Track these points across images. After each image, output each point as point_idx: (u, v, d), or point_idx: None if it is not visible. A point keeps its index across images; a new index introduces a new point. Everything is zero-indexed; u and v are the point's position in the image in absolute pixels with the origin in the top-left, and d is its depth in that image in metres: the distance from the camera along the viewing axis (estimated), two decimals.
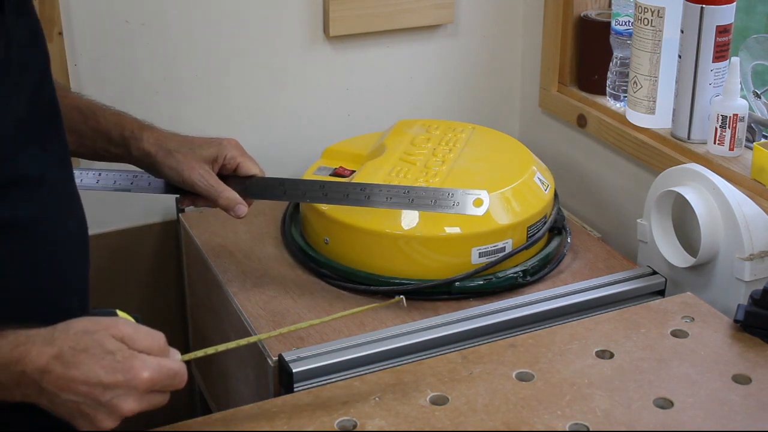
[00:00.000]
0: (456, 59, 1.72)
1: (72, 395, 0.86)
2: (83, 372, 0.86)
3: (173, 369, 0.90)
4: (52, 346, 0.86)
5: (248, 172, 1.26)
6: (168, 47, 1.52)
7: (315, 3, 1.59)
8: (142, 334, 0.90)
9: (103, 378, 0.86)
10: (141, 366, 0.87)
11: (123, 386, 0.86)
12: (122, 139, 1.22)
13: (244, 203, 1.24)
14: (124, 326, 0.89)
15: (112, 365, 0.86)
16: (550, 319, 1.27)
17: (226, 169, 1.26)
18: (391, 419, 1.00)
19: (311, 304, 1.29)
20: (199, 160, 1.23)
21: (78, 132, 1.21)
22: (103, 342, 0.87)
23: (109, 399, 0.86)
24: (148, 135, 1.23)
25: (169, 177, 1.24)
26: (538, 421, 1.00)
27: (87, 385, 0.86)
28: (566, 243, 1.40)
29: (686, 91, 1.36)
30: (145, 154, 1.22)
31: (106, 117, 1.23)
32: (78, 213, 1.06)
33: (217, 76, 1.57)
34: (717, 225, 1.25)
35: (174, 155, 1.22)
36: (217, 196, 1.23)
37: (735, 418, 1.01)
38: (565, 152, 1.66)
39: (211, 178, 1.24)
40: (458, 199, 1.23)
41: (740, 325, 1.15)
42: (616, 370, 1.09)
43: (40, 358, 0.86)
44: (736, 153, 1.33)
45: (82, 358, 0.86)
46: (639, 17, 1.40)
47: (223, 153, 1.25)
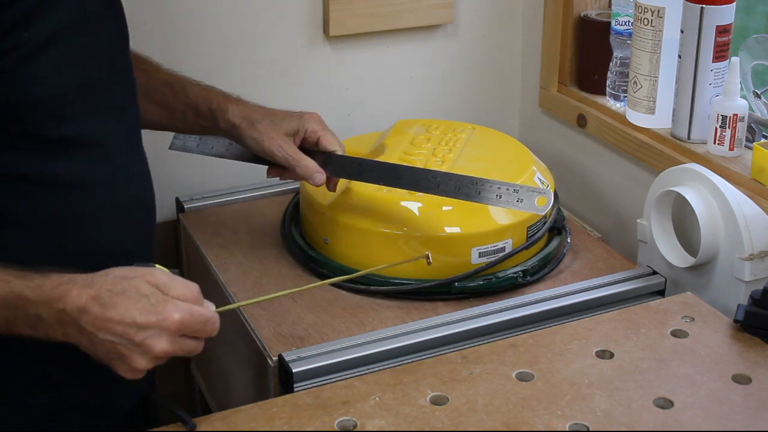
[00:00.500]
0: (456, 59, 1.72)
1: (108, 335, 0.92)
2: (119, 312, 0.92)
3: (204, 315, 0.96)
4: (92, 288, 0.93)
5: (328, 145, 1.30)
6: (169, 47, 1.52)
7: (315, 3, 1.59)
8: (177, 283, 0.96)
9: (138, 318, 0.92)
10: (173, 309, 0.93)
11: (155, 327, 0.92)
12: (209, 112, 1.29)
13: (321, 171, 1.29)
14: (160, 275, 0.96)
15: (146, 307, 0.92)
16: (550, 319, 1.27)
17: (308, 142, 1.31)
18: (391, 419, 1.00)
19: (311, 304, 1.29)
20: (279, 131, 1.29)
21: (169, 106, 1.30)
22: (139, 287, 0.94)
23: (142, 339, 0.92)
24: (233, 107, 1.29)
25: (251, 147, 1.30)
26: (538, 421, 1.00)
27: (122, 325, 0.92)
28: (566, 243, 1.40)
29: (686, 91, 1.36)
30: (231, 126, 1.29)
31: (195, 91, 1.30)
32: (141, 180, 1.14)
33: (217, 76, 1.56)
34: (717, 225, 1.25)
35: (256, 126, 1.28)
36: (295, 165, 1.28)
37: (735, 418, 1.01)
38: (565, 152, 1.66)
39: (290, 149, 1.28)
40: (522, 195, 1.23)
41: (740, 325, 1.15)
42: (616, 370, 1.09)
43: (80, 297, 0.92)
44: (736, 153, 1.33)
45: (118, 300, 0.92)
46: (639, 17, 1.40)
47: (304, 126, 1.30)
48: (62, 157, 1.01)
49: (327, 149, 1.31)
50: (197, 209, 1.54)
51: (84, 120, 1.02)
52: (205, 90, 1.31)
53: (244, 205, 1.56)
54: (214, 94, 1.31)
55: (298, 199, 1.47)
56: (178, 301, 0.94)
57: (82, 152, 1.03)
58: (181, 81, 1.32)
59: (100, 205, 1.06)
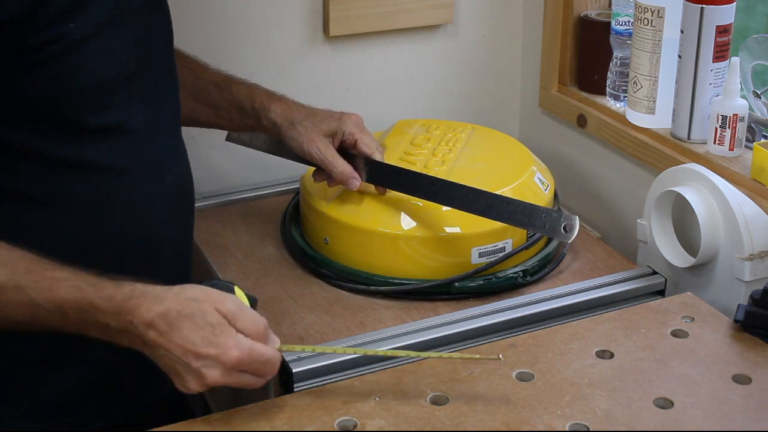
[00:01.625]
0: (456, 59, 1.72)
1: (169, 353, 0.94)
2: (182, 336, 0.93)
3: (264, 355, 0.96)
4: (161, 305, 0.94)
5: (365, 148, 1.31)
6: None
7: (315, 3, 1.59)
8: (246, 315, 0.96)
9: (198, 347, 0.93)
10: (234, 345, 0.94)
11: (213, 359, 0.93)
12: (253, 110, 1.31)
13: (357, 177, 1.30)
14: (231, 304, 0.96)
15: (209, 337, 0.93)
16: (550, 319, 1.27)
17: (347, 144, 1.31)
18: (391, 419, 1.00)
19: (311, 304, 1.29)
20: (319, 133, 1.30)
21: (215, 105, 1.32)
22: (207, 313, 0.94)
23: (198, 366, 0.94)
24: (276, 106, 1.31)
25: (292, 147, 1.31)
26: (538, 421, 1.00)
27: (182, 349, 0.94)
28: (566, 243, 1.40)
29: (686, 91, 1.36)
30: (273, 125, 1.31)
31: (239, 89, 1.32)
32: (178, 170, 1.16)
33: None
34: (717, 225, 1.25)
35: (297, 127, 1.30)
36: (331, 168, 1.30)
37: (735, 418, 1.01)
38: (565, 152, 1.66)
39: (328, 151, 1.29)
40: (549, 221, 1.23)
41: (740, 325, 1.15)
42: (616, 370, 1.09)
43: (148, 313, 0.94)
44: (736, 153, 1.33)
45: (184, 323, 0.94)
46: (639, 17, 1.40)
47: (342, 128, 1.31)
48: (100, 144, 1.04)
49: (364, 152, 1.31)
50: (197, 209, 1.53)
51: (123, 109, 1.05)
52: (249, 88, 1.33)
53: (244, 205, 1.56)
54: (258, 92, 1.33)
55: (298, 199, 1.47)
56: (241, 337, 0.95)
57: (119, 140, 1.05)
58: (227, 80, 1.34)
59: (136, 192, 1.08)
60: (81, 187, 1.04)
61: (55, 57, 0.97)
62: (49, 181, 1.03)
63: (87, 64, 0.99)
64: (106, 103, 1.03)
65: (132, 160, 1.07)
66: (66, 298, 0.94)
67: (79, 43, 0.98)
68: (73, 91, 1.00)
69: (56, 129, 1.01)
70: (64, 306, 0.94)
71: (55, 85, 0.98)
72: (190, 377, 0.94)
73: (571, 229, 1.23)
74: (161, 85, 1.12)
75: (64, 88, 0.99)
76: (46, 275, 0.95)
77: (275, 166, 1.63)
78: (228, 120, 1.34)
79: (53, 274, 0.95)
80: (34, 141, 1.01)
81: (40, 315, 0.95)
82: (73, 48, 0.98)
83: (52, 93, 0.99)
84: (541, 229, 1.25)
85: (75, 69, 0.99)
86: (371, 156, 1.31)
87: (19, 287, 0.94)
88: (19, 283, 0.94)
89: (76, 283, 0.95)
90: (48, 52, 0.96)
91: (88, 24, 0.98)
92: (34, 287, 0.94)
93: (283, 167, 1.62)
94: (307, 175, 1.43)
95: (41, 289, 0.94)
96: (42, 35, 0.95)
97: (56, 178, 1.03)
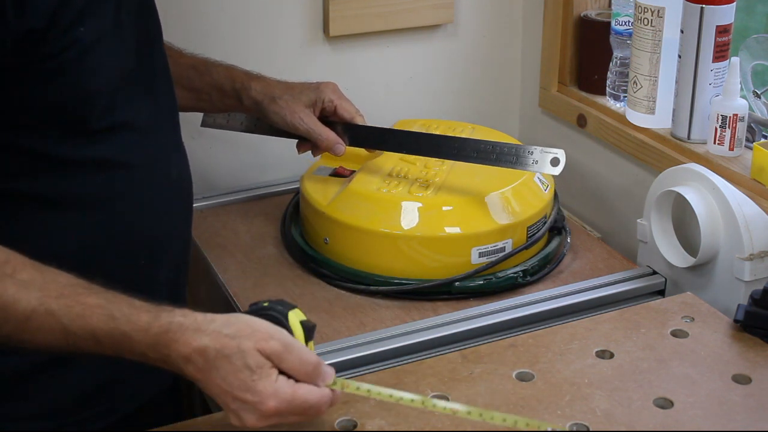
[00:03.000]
0: (456, 59, 1.72)
1: (207, 387, 0.90)
2: (220, 376, 0.89)
3: (308, 401, 0.90)
4: (200, 341, 0.89)
5: (345, 114, 1.36)
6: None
7: (315, 3, 1.59)
8: (293, 355, 0.90)
9: (234, 390, 0.89)
10: (271, 393, 0.88)
11: (250, 404, 0.88)
12: (234, 91, 1.35)
13: (341, 143, 1.35)
14: (276, 343, 0.89)
15: (247, 383, 0.88)
16: (550, 319, 1.27)
17: (327, 112, 1.36)
18: (391, 419, 1.00)
19: (311, 304, 1.29)
20: (299, 104, 1.34)
21: (195, 88, 1.34)
22: (247, 355, 0.88)
23: (236, 408, 0.89)
24: (255, 84, 1.34)
25: (276, 122, 1.35)
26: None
27: (220, 389, 0.89)
28: (566, 243, 1.40)
29: (686, 91, 1.36)
30: (254, 103, 1.34)
31: (219, 71, 1.35)
32: (181, 163, 1.18)
33: None
34: (717, 225, 1.25)
35: (278, 102, 1.33)
36: (316, 137, 1.34)
37: (735, 418, 1.01)
38: (565, 152, 1.66)
39: (311, 121, 1.34)
40: (537, 157, 1.28)
41: (740, 325, 1.15)
42: (616, 370, 1.09)
43: (186, 347, 0.89)
44: (736, 153, 1.33)
45: (222, 363, 0.88)
46: (639, 17, 1.40)
47: (321, 97, 1.35)
48: (108, 142, 1.05)
49: (344, 117, 1.36)
50: (197, 209, 1.53)
51: (128, 107, 1.06)
52: (228, 69, 1.36)
53: (244, 205, 1.56)
54: (237, 73, 1.36)
55: (298, 199, 1.47)
56: (282, 382, 0.89)
57: (125, 136, 1.06)
58: (205, 63, 1.36)
59: (145, 187, 1.09)
60: (93, 185, 1.05)
61: (69, 62, 0.97)
62: (64, 181, 1.03)
63: (96, 67, 1.00)
64: (114, 103, 1.04)
65: (139, 156, 1.08)
66: (99, 327, 0.90)
67: (88, 47, 0.98)
68: (84, 96, 1.00)
69: (67, 131, 1.01)
70: (97, 335, 0.90)
71: (68, 90, 0.99)
72: (231, 414, 0.90)
73: (558, 162, 1.27)
74: (159, 82, 1.14)
75: (77, 92, 1.00)
76: (78, 300, 0.90)
77: (275, 166, 1.64)
78: (209, 102, 1.37)
79: (86, 300, 0.91)
80: (46, 144, 1.01)
81: (74, 341, 0.91)
82: (84, 53, 0.98)
83: (64, 98, 0.99)
84: (530, 166, 1.29)
85: (86, 73, 0.99)
86: (352, 120, 1.36)
87: (50, 312, 0.90)
88: (51, 308, 0.90)
89: (109, 311, 0.90)
90: (64, 58, 0.97)
91: (95, 27, 0.99)
92: (66, 313, 0.90)
93: (283, 167, 1.63)
94: (307, 175, 1.43)
95: (74, 315, 0.90)
96: (59, 42, 0.96)
97: (70, 179, 1.03)
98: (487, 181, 1.34)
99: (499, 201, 1.32)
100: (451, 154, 1.33)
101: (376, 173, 1.37)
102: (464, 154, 1.32)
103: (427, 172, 1.37)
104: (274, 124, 1.36)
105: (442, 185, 1.34)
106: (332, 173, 1.42)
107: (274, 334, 0.90)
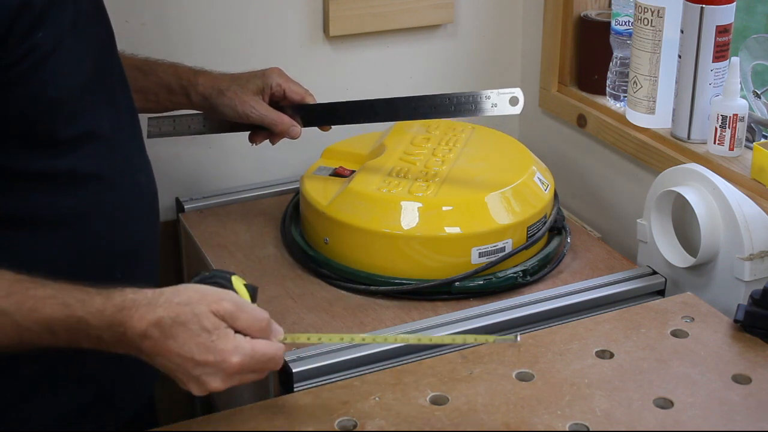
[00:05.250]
0: (456, 59, 1.71)
1: (166, 361, 0.91)
2: (178, 344, 0.90)
3: (267, 354, 0.92)
4: (154, 313, 0.90)
5: (294, 96, 1.35)
6: (168, 47, 1.52)
7: (315, 3, 1.59)
8: (246, 313, 0.92)
9: (195, 355, 0.90)
10: (233, 350, 0.90)
11: (213, 366, 0.90)
12: (181, 88, 1.33)
13: (296, 125, 1.34)
14: (228, 303, 0.92)
15: (206, 344, 0.90)
16: (550, 319, 1.27)
17: (276, 96, 1.34)
18: (391, 419, 1.00)
19: (311, 304, 1.29)
20: (248, 93, 1.32)
21: (141, 89, 1.31)
22: (202, 318, 0.90)
23: (198, 374, 0.90)
24: (202, 79, 1.33)
25: (226, 115, 1.33)
26: (538, 421, 1.00)
27: (180, 357, 0.90)
28: (566, 243, 1.40)
29: (686, 91, 1.36)
30: (203, 98, 1.33)
31: (164, 69, 1.34)
32: (147, 170, 1.16)
33: None
34: (717, 225, 1.25)
35: (226, 93, 1.32)
36: (270, 123, 1.33)
37: (735, 418, 1.01)
38: (565, 152, 1.66)
39: (262, 108, 1.33)
40: (495, 100, 1.28)
41: (740, 325, 1.15)
42: (616, 370, 1.09)
43: (141, 323, 0.90)
44: (736, 153, 1.33)
45: (179, 331, 0.90)
46: (639, 17, 1.40)
47: (268, 82, 1.34)
48: (73, 153, 1.03)
49: (294, 100, 1.35)
50: (197, 209, 1.54)
51: (90, 116, 1.04)
52: (173, 67, 1.35)
53: (244, 205, 1.56)
54: (182, 70, 1.34)
55: (298, 199, 1.47)
56: (240, 340, 0.91)
57: (90, 147, 1.04)
58: (148, 63, 1.34)
59: (115, 197, 1.08)
60: (63, 200, 1.03)
61: (26, 72, 0.95)
62: (32, 199, 1.01)
63: (56, 74, 0.98)
64: (75, 112, 1.02)
65: (105, 165, 1.06)
66: (53, 317, 0.90)
67: (48, 54, 0.96)
68: (44, 105, 0.98)
69: (30, 144, 0.99)
70: (51, 325, 0.91)
71: (27, 100, 0.96)
72: (192, 384, 0.91)
73: (516, 101, 1.27)
74: (117, 89, 1.12)
75: (36, 102, 0.97)
76: (29, 295, 0.91)
77: (275, 166, 1.64)
78: (155, 102, 1.35)
79: (36, 293, 0.91)
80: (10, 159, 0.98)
81: (28, 337, 0.91)
82: (43, 60, 0.96)
83: (23, 109, 0.97)
84: (490, 110, 1.28)
85: (46, 81, 0.97)
86: (303, 101, 1.35)
87: (2, 312, 0.90)
88: (2, 308, 0.90)
89: (62, 299, 0.91)
90: (21, 67, 0.94)
91: (53, 34, 0.97)
92: (18, 310, 0.90)
93: (284, 167, 1.62)
94: (307, 175, 1.43)
95: (26, 310, 0.90)
96: (16, 51, 0.94)
97: (38, 195, 1.01)
98: (487, 181, 1.34)
99: (499, 201, 1.32)
100: (409, 114, 1.32)
101: (376, 173, 1.37)
102: (423, 111, 1.31)
103: (427, 172, 1.37)
104: (225, 116, 1.34)
105: (442, 185, 1.34)
106: (332, 173, 1.42)
107: (225, 296, 0.92)
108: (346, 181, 1.38)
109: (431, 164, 1.39)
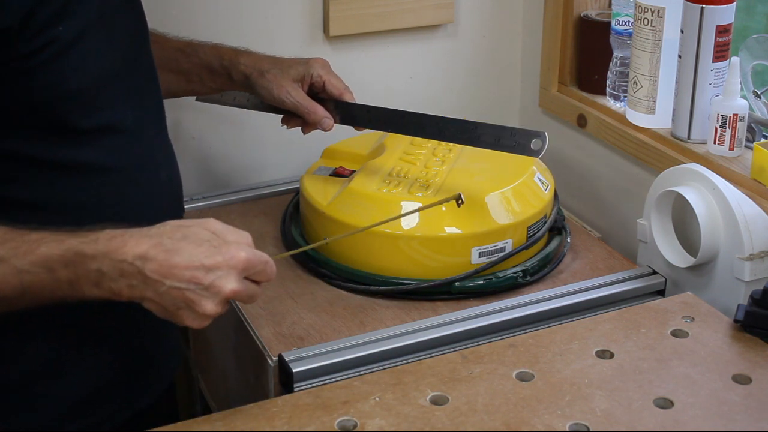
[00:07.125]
0: (456, 59, 1.72)
1: (176, 281, 0.92)
2: (185, 257, 0.92)
3: (264, 255, 0.97)
4: (150, 238, 0.93)
5: (333, 90, 1.34)
6: None
7: (315, 3, 1.59)
8: (231, 230, 0.98)
9: (204, 260, 0.92)
10: (237, 248, 0.94)
11: (224, 266, 0.93)
12: (222, 68, 1.34)
13: (329, 117, 1.33)
14: (214, 223, 0.97)
15: (210, 250, 0.93)
16: (550, 319, 1.27)
17: (315, 87, 1.34)
18: (391, 419, 1.00)
19: (311, 304, 1.29)
20: (288, 78, 1.32)
21: (184, 71, 1.33)
22: (198, 233, 0.95)
23: (212, 280, 0.92)
24: (244, 59, 1.34)
25: (263, 96, 1.34)
26: (538, 421, 1.00)
27: (190, 269, 0.92)
28: (566, 243, 1.40)
29: (686, 91, 1.36)
30: (243, 77, 1.33)
31: (205, 51, 1.35)
32: (170, 165, 1.17)
33: None
34: (717, 225, 1.25)
35: (266, 75, 1.32)
36: (304, 111, 1.33)
37: (735, 418, 1.01)
38: (565, 152, 1.66)
39: (299, 95, 1.33)
40: (519, 140, 1.26)
41: (740, 325, 1.15)
42: (616, 370, 1.09)
43: (139, 246, 0.92)
44: (736, 153, 1.33)
45: (181, 245, 0.93)
46: (639, 17, 1.40)
47: (310, 71, 1.34)
48: (93, 145, 1.04)
49: (332, 93, 1.34)
50: (197, 209, 1.54)
51: (113, 109, 1.05)
52: (215, 48, 1.35)
53: (244, 205, 1.56)
54: (224, 50, 1.35)
55: (298, 199, 1.47)
56: (240, 240, 0.96)
57: (111, 140, 1.06)
58: (190, 44, 1.35)
59: (133, 191, 1.09)
60: (79, 189, 1.04)
61: (46, 62, 0.96)
62: (47, 186, 1.03)
63: (77, 66, 0.99)
64: (96, 104, 1.03)
65: (126, 159, 1.07)
66: (49, 254, 0.92)
67: (68, 46, 0.98)
68: (64, 95, 0.99)
69: (49, 133, 1.01)
70: (49, 263, 0.92)
71: (47, 90, 0.98)
72: (205, 299, 0.92)
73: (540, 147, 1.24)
74: (145, 82, 1.13)
75: (56, 92, 0.99)
76: (23, 240, 0.93)
77: (275, 166, 1.64)
78: (199, 83, 1.36)
79: (30, 237, 0.93)
80: (27, 146, 1.00)
81: (29, 281, 0.92)
82: (63, 52, 0.97)
83: (44, 98, 0.98)
84: (511, 148, 1.27)
85: (65, 73, 0.99)
86: (341, 97, 1.35)
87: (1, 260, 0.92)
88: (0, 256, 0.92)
89: (56, 237, 0.93)
90: (40, 58, 0.96)
91: (75, 26, 0.98)
92: (14, 254, 0.92)
93: (284, 167, 1.62)
94: (307, 175, 1.43)
95: (22, 253, 0.92)
96: (35, 41, 0.95)
97: (56, 184, 1.03)
98: (487, 181, 1.34)
99: (499, 201, 1.32)
100: (434, 134, 1.32)
101: (376, 173, 1.37)
102: (447, 134, 1.31)
103: (427, 172, 1.37)
104: (262, 98, 1.34)
105: (442, 185, 1.34)
106: (332, 173, 1.42)
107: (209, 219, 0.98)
108: (346, 181, 1.38)
109: (431, 164, 1.39)
